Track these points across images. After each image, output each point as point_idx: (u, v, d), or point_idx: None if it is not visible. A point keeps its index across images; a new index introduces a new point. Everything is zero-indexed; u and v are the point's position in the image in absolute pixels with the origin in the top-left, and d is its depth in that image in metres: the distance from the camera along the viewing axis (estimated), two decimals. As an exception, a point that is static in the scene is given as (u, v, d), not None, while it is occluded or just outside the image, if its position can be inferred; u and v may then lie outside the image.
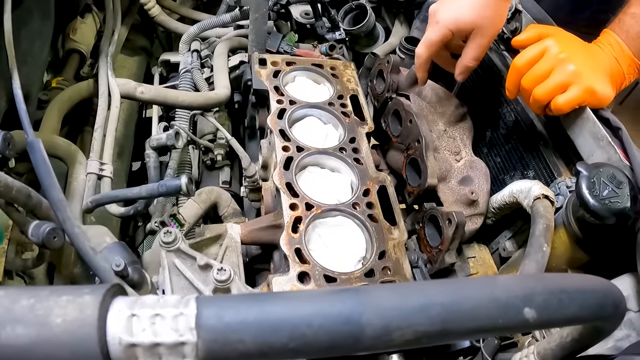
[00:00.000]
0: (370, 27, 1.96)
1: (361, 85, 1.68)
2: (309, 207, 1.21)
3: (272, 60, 1.58)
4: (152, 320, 0.46)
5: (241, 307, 0.49)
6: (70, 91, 1.64)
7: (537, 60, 1.37)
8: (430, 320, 0.53)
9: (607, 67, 1.39)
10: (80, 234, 0.86)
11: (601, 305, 0.67)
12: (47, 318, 0.45)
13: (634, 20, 1.41)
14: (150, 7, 2.03)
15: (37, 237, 0.90)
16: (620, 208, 1.13)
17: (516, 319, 0.57)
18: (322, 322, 0.50)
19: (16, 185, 0.93)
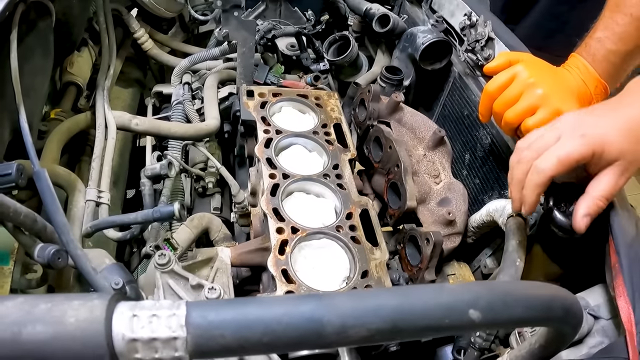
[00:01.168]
0: (353, 57, 2.03)
1: (345, 114, 1.74)
2: (295, 231, 1.28)
3: (259, 91, 1.66)
4: (149, 320, 0.56)
5: (222, 309, 0.59)
6: (69, 123, 1.71)
7: (507, 85, 1.42)
8: (382, 320, 0.62)
9: (575, 89, 1.45)
10: (82, 256, 0.94)
11: (547, 307, 0.74)
12: (62, 318, 0.54)
13: (599, 44, 1.49)
14: (144, 41, 2.11)
15: (43, 259, 0.97)
16: None
17: (461, 319, 0.65)
18: (290, 320, 0.59)
19: (24, 211, 1.01)
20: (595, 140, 1.12)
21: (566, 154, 1.14)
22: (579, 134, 1.14)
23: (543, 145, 1.19)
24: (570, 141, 1.15)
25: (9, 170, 0.86)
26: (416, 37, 1.86)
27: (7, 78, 1.25)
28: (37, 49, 1.51)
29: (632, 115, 1.15)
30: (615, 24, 1.50)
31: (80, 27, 1.90)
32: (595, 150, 1.12)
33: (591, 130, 1.14)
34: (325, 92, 1.77)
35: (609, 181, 1.13)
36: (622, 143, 1.12)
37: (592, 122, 1.17)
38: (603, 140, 1.12)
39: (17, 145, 1.38)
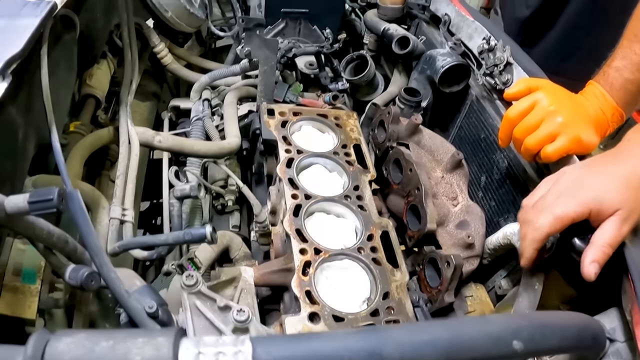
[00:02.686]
0: (370, 77, 2.05)
1: (363, 133, 1.77)
2: (318, 252, 1.30)
3: (279, 110, 1.68)
4: (215, 357, 0.57)
5: (287, 345, 0.62)
6: (91, 138, 1.72)
7: (528, 112, 1.45)
8: (437, 352, 0.65)
9: (592, 117, 1.48)
10: (116, 279, 0.95)
11: (579, 337, 0.79)
12: (127, 356, 0.55)
13: (617, 73, 1.51)
14: (163, 55, 2.13)
15: (76, 280, 0.97)
16: None
17: (507, 349, 0.70)
18: (352, 355, 0.61)
19: (57, 232, 1.02)
20: (590, 200, 1.18)
21: (562, 214, 1.19)
22: (576, 193, 1.21)
23: (544, 205, 1.24)
24: (568, 200, 1.21)
25: (51, 196, 0.86)
26: (435, 59, 1.88)
27: (35, 92, 1.26)
28: (62, 62, 1.52)
29: (628, 171, 1.20)
30: (633, 54, 1.52)
31: (102, 40, 1.92)
32: (592, 208, 1.17)
33: (587, 189, 1.20)
34: (345, 111, 1.79)
35: (612, 230, 1.16)
36: (620, 195, 1.17)
37: (589, 181, 1.22)
38: (599, 197, 1.18)
39: (38, 158, 1.39)
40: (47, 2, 1.22)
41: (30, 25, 1.13)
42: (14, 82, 1.02)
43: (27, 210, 0.87)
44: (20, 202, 0.86)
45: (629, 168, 1.20)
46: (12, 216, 0.86)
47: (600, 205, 1.17)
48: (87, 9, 1.65)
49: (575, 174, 1.26)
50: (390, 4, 2.27)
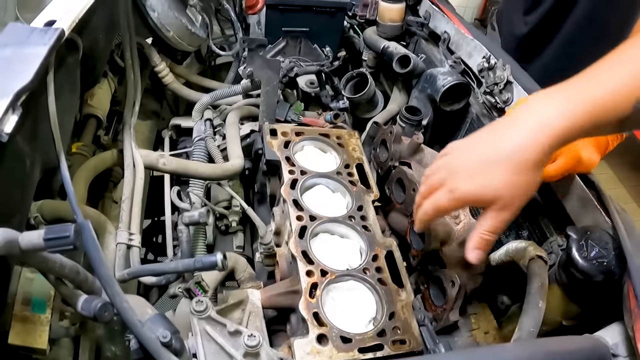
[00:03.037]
0: (370, 95, 2.07)
1: (364, 152, 1.78)
2: (324, 273, 1.31)
3: (282, 130, 1.69)
4: None
5: None
6: (94, 161, 1.72)
7: None
8: None
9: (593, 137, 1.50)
10: (129, 309, 0.95)
11: None
12: None
13: None
14: (164, 74, 2.13)
15: (89, 311, 0.98)
16: (607, 267, 1.24)
17: None
18: None
19: (69, 264, 1.02)
20: (470, 192, 1.18)
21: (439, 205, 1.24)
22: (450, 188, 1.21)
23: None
24: (443, 193, 1.23)
25: (67, 233, 0.86)
26: (436, 78, 1.90)
27: (40, 119, 1.26)
28: (66, 85, 1.52)
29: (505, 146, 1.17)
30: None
31: (104, 60, 1.92)
32: (475, 199, 1.20)
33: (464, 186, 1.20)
34: (346, 131, 1.80)
35: (492, 217, 1.18)
36: (495, 188, 1.16)
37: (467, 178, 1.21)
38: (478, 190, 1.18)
39: (45, 183, 1.39)
40: (54, 29, 1.21)
41: (38, 54, 1.12)
42: (22, 113, 1.02)
43: (43, 247, 0.87)
44: (36, 239, 0.86)
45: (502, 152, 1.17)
46: (26, 252, 0.87)
47: (480, 195, 1.18)
48: (89, 30, 1.64)
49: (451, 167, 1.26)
50: (389, 21, 2.28)
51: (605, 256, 1.26)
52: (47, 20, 1.26)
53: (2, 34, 1.18)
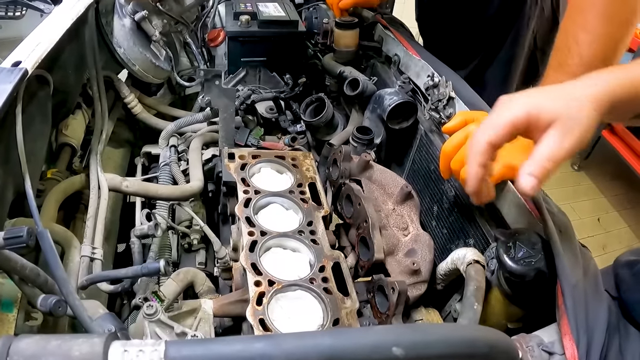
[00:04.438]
0: (329, 118, 2.17)
1: (321, 172, 1.89)
2: (271, 283, 1.40)
3: (239, 154, 1.80)
4: (137, 354, 0.74)
5: (192, 346, 0.78)
6: (65, 184, 1.84)
7: (462, 144, 1.54)
8: (320, 354, 0.79)
9: (525, 143, 1.55)
10: (80, 306, 1.12)
11: (470, 344, 0.89)
12: (69, 351, 0.73)
13: None
14: (133, 105, 2.25)
15: (46, 307, 1.13)
16: (535, 267, 1.31)
17: (388, 355, 0.81)
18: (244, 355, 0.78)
19: (29, 265, 1.18)
20: (530, 104, 1.16)
21: (501, 119, 1.19)
22: (515, 101, 1.20)
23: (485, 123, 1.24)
24: (506, 107, 1.21)
25: (21, 233, 1.04)
26: (384, 99, 2.01)
27: (12, 145, 1.40)
28: (37, 116, 1.65)
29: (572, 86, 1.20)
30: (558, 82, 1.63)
31: (75, 94, 2.04)
32: (530, 112, 1.15)
33: (525, 97, 1.20)
34: (302, 152, 1.91)
35: (550, 141, 1.13)
36: (557, 106, 1.14)
37: (528, 93, 1.23)
38: (536, 104, 1.16)
39: (17, 203, 1.54)
40: (19, 69, 1.36)
41: (4, 91, 1.28)
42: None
43: (2, 245, 1.04)
44: None
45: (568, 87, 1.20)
46: None
47: (537, 111, 1.15)
48: (59, 67, 1.77)
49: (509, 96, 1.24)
50: (344, 47, 2.40)
51: (533, 256, 1.33)
52: (13, 61, 1.41)
53: None
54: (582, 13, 1.64)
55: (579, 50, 1.62)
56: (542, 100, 1.17)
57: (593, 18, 1.61)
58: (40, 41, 1.52)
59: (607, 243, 4.85)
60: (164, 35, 2.21)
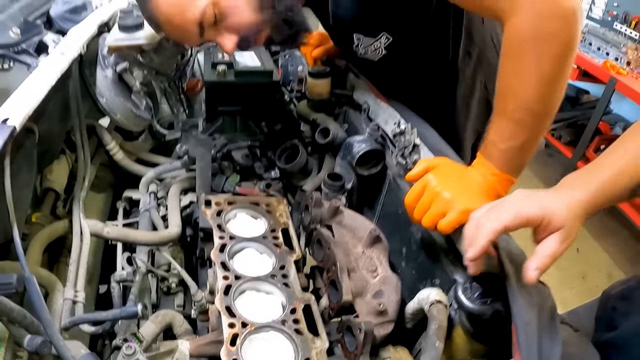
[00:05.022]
0: (302, 164, 2.26)
1: (295, 217, 1.98)
2: (245, 325, 1.49)
3: (216, 201, 1.89)
4: None
5: None
6: (49, 230, 1.93)
7: (421, 194, 1.67)
8: None
9: (481, 186, 1.70)
10: (64, 346, 1.24)
11: None
12: None
13: (494, 147, 1.72)
14: (115, 152, 2.35)
15: (32, 347, 1.24)
16: (490, 306, 1.41)
17: None
18: None
19: (16, 308, 1.28)
20: (546, 208, 1.33)
21: (524, 211, 1.34)
22: (535, 200, 1.36)
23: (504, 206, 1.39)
24: (529, 202, 1.36)
25: (11, 281, 1.18)
26: (353, 146, 2.11)
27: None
28: (24, 166, 1.74)
29: (570, 200, 1.36)
30: (502, 127, 1.73)
31: (59, 141, 2.13)
32: (545, 216, 1.32)
33: (544, 201, 1.35)
34: (276, 198, 2.00)
35: (555, 244, 1.32)
36: (565, 216, 1.32)
37: (542, 196, 1.38)
38: (552, 210, 1.32)
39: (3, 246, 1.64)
40: (8, 126, 1.46)
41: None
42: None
43: None
44: None
45: (569, 198, 1.37)
46: None
47: (552, 216, 1.32)
48: (45, 118, 1.86)
49: (528, 192, 1.42)
50: (317, 95, 2.50)
51: (489, 295, 1.44)
52: (2, 118, 1.50)
53: None
54: (510, 54, 1.73)
55: (514, 96, 1.72)
56: (556, 208, 1.34)
57: (524, 63, 1.69)
58: (27, 97, 1.62)
59: (587, 272, 4.91)
60: (144, 85, 2.30)
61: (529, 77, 1.68)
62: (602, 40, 6.39)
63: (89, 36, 2.12)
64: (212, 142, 2.08)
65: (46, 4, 2.59)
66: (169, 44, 2.37)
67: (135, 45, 2.24)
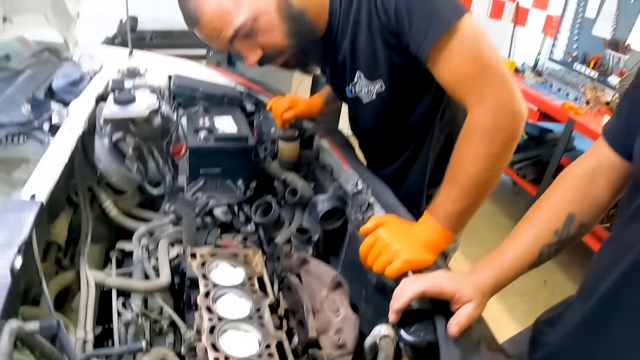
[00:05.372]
0: (275, 218, 2.54)
1: (269, 266, 2.28)
2: (228, 359, 1.78)
3: (200, 253, 2.15)
4: None
5: None
6: (58, 279, 2.19)
7: (372, 245, 1.96)
8: None
9: (424, 241, 1.97)
10: None
11: None
12: None
13: (441, 208, 2.03)
14: (110, 209, 2.64)
15: None
16: (424, 338, 1.73)
17: None
18: None
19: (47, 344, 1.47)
20: (458, 287, 1.68)
21: (440, 284, 1.70)
22: (450, 280, 1.71)
23: (425, 276, 1.77)
24: (445, 279, 1.72)
25: (52, 324, 1.40)
26: (317, 204, 2.41)
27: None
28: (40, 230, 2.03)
29: (479, 278, 1.75)
30: (450, 192, 2.03)
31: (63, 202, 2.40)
32: (457, 292, 1.66)
33: (457, 281, 1.72)
34: (252, 250, 2.28)
35: (469, 309, 1.65)
36: (473, 293, 1.67)
37: (457, 277, 1.76)
38: (462, 289, 1.67)
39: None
40: (36, 202, 1.78)
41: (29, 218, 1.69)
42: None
43: (38, 332, 1.39)
44: (33, 326, 1.38)
45: (477, 279, 1.74)
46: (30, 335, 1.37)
47: (462, 293, 1.66)
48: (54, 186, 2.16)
49: (446, 274, 1.79)
50: (287, 157, 2.81)
51: (424, 329, 1.74)
52: (30, 194, 1.81)
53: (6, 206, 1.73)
54: (467, 135, 2.04)
55: (464, 169, 2.03)
56: (466, 287, 1.70)
57: (477, 144, 2.01)
58: (47, 173, 1.95)
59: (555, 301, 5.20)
60: (136, 150, 2.62)
61: (479, 156, 2.01)
62: (562, 81, 6.75)
63: (90, 111, 2.45)
64: (195, 201, 2.39)
65: (48, 78, 2.92)
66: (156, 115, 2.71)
67: (129, 118, 2.58)
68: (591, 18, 7.02)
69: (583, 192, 1.78)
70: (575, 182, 1.81)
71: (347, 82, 2.50)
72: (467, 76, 1.98)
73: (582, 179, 1.79)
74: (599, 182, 1.76)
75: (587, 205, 1.77)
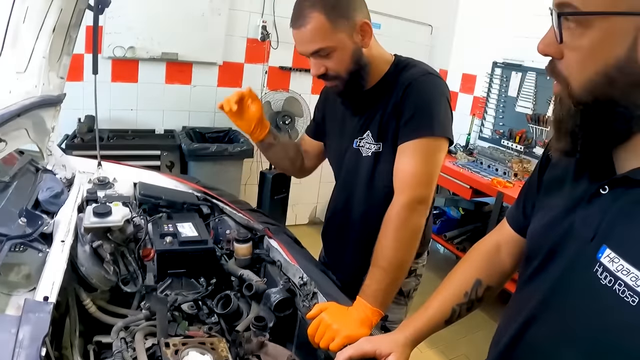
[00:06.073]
0: (234, 309, 2.82)
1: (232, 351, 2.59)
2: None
3: (172, 342, 2.43)
4: None
5: None
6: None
7: (317, 327, 2.34)
8: None
9: (358, 319, 2.37)
10: None
11: None
12: None
13: (369, 288, 2.51)
14: (89, 307, 2.92)
15: None
16: None
17: None
18: None
19: None
20: (376, 346, 2.05)
21: (362, 348, 2.08)
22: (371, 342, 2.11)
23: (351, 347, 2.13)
24: (366, 343, 2.11)
25: None
26: (270, 296, 2.81)
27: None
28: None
29: (399, 335, 2.11)
30: (374, 273, 2.53)
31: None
32: (376, 350, 2.04)
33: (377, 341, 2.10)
34: (217, 338, 2.55)
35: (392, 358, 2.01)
36: (392, 348, 2.02)
37: (378, 338, 2.15)
38: (381, 348, 2.03)
39: None
40: (49, 303, 2.11)
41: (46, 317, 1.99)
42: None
43: None
44: None
45: (397, 335, 2.11)
46: None
47: (381, 350, 2.02)
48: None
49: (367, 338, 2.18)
50: (241, 256, 3.22)
51: None
52: (43, 295, 2.16)
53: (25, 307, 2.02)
54: (386, 226, 2.61)
55: (382, 252, 2.57)
56: (385, 344, 2.08)
57: (393, 229, 2.60)
58: (52, 278, 2.34)
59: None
60: (111, 255, 3.02)
61: (394, 239, 2.58)
62: (491, 158, 7.40)
63: (74, 222, 2.87)
64: (166, 299, 2.79)
65: (33, 191, 3.31)
66: (129, 224, 3.13)
67: (106, 227, 3.01)
68: (513, 96, 7.82)
69: (489, 261, 2.10)
70: (483, 253, 2.14)
71: (356, 135, 3.07)
72: (413, 173, 2.57)
73: (488, 251, 2.12)
74: (503, 253, 2.08)
75: (493, 272, 2.10)
